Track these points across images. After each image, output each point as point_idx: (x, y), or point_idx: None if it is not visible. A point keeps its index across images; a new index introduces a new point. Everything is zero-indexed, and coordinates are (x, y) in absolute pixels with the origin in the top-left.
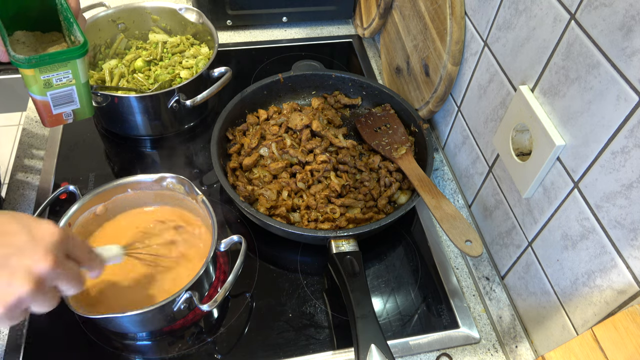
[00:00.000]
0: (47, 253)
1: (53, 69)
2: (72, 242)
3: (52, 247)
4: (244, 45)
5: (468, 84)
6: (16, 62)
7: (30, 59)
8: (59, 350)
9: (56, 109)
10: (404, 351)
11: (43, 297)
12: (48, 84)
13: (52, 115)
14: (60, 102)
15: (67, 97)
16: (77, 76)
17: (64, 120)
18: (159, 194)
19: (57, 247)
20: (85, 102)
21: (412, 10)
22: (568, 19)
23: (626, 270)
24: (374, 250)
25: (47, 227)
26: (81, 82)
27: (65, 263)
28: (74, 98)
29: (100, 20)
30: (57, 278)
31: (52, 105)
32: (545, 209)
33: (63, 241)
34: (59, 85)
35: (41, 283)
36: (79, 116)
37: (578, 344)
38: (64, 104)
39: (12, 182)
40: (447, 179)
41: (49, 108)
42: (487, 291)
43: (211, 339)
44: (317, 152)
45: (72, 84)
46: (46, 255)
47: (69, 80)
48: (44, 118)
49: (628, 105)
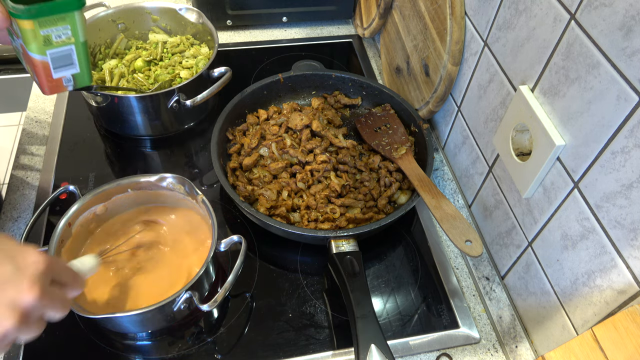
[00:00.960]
0: (33, 284)
1: (52, 22)
2: (57, 267)
3: (37, 277)
4: (244, 45)
5: (468, 84)
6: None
7: (29, 8)
8: (59, 350)
9: (56, 72)
10: (404, 351)
11: (28, 328)
12: (48, 40)
13: (52, 80)
14: (60, 64)
15: (66, 58)
16: (76, 33)
17: (63, 87)
18: (159, 194)
19: (42, 276)
20: (85, 65)
21: (412, 10)
22: (568, 19)
23: (626, 270)
24: (374, 250)
25: (32, 256)
26: (80, 41)
27: (50, 291)
28: (74, 60)
29: (100, 20)
30: (44, 307)
31: (52, 68)
32: (545, 209)
33: (48, 269)
34: (59, 43)
35: (27, 315)
36: (79, 82)
37: (578, 344)
38: (64, 67)
39: (12, 182)
40: (447, 179)
41: (49, 70)
42: (487, 291)
43: (211, 339)
44: (317, 152)
45: (71, 42)
46: (32, 287)
47: (68, 38)
48: (43, 83)
49: (628, 105)
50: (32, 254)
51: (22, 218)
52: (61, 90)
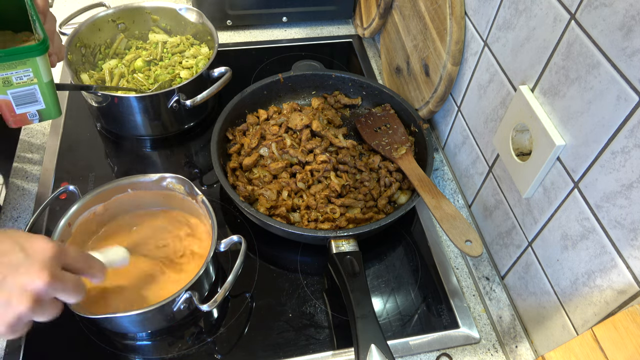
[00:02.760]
0: (42, 269)
1: (11, 66)
2: (67, 254)
3: (46, 262)
4: (244, 45)
5: (468, 84)
6: None
7: None
8: (59, 350)
9: (19, 108)
10: (404, 351)
11: (43, 311)
12: (7, 81)
13: (15, 115)
14: (22, 102)
15: (29, 97)
16: (39, 75)
17: (29, 120)
18: (159, 194)
19: (51, 261)
20: (51, 102)
21: (412, 10)
22: (568, 19)
23: (626, 270)
24: (374, 250)
25: (40, 243)
26: (43, 81)
27: (62, 276)
28: (38, 98)
29: (100, 20)
30: (55, 291)
31: (15, 105)
32: (545, 209)
33: (57, 255)
34: (20, 84)
35: (39, 299)
36: (46, 117)
37: (578, 344)
38: (27, 104)
39: (12, 182)
40: (447, 179)
41: (11, 107)
42: (487, 291)
43: (211, 339)
44: (317, 152)
45: (33, 82)
46: (41, 271)
47: (30, 79)
48: (7, 117)
49: (628, 105)
50: (41, 241)
51: (22, 218)
52: (27, 123)
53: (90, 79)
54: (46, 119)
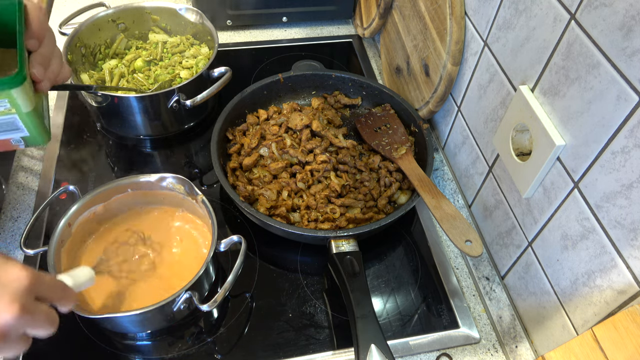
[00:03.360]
0: (13, 301)
1: None
2: (43, 282)
3: (18, 293)
4: (244, 45)
5: (468, 84)
6: None
7: None
8: (59, 350)
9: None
10: (404, 351)
11: (9, 347)
12: None
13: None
14: (3, 129)
15: (9, 125)
16: (17, 105)
17: (12, 145)
18: (159, 194)
19: (24, 293)
20: (35, 129)
21: (412, 10)
22: (568, 19)
23: (626, 270)
24: (374, 250)
25: (14, 271)
26: (23, 112)
27: (34, 308)
28: (19, 126)
29: (100, 20)
30: (25, 325)
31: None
32: (545, 209)
33: (31, 285)
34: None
35: (6, 334)
36: (31, 143)
37: (578, 344)
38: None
39: (12, 182)
40: (447, 179)
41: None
42: (487, 291)
43: (211, 339)
44: (317, 152)
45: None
46: (11, 304)
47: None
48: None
49: (628, 105)
50: (15, 269)
51: (22, 218)
52: (11, 148)
53: (90, 79)
54: (32, 145)
